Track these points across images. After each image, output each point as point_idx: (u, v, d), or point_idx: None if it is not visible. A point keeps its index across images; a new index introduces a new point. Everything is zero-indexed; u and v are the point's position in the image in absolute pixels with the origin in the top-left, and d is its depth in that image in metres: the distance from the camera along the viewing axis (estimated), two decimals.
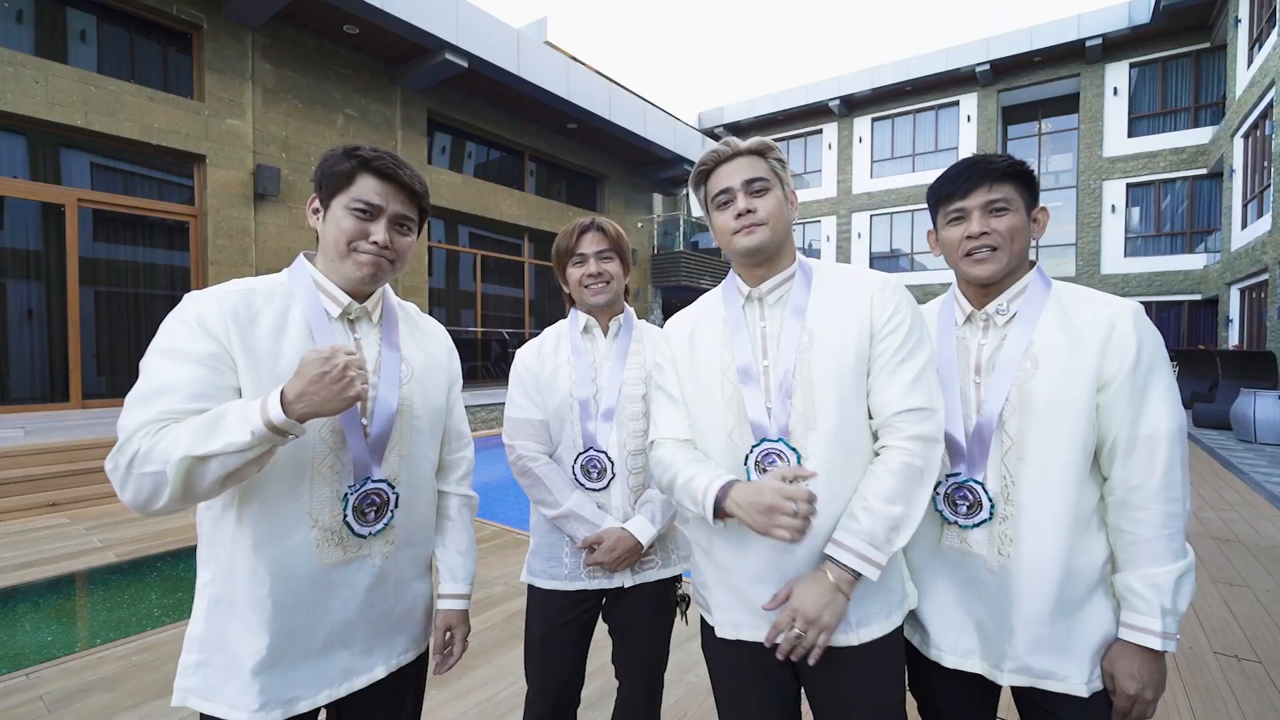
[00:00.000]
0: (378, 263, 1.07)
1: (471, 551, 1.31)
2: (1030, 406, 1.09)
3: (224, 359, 0.96)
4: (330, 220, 1.07)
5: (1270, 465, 6.35)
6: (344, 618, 1.07)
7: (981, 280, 1.16)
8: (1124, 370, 1.05)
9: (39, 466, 4.90)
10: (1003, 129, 18.98)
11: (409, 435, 1.15)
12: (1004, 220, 1.13)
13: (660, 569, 1.56)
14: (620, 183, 14.80)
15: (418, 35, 8.79)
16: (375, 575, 1.10)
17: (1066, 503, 1.07)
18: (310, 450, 1.02)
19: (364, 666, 1.11)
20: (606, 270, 1.53)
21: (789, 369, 1.13)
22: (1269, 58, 10.89)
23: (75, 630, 3.01)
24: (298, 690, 1.03)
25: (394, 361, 1.14)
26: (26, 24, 6.81)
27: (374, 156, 1.05)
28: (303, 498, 1.02)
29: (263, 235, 8.27)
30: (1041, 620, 1.08)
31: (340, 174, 1.05)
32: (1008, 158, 1.16)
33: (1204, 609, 3.07)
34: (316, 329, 1.05)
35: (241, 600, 0.99)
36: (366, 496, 1.07)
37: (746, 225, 1.15)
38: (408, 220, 1.11)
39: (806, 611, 1.02)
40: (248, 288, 1.04)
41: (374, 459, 1.08)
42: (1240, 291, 12.99)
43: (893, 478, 1.05)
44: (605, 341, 1.58)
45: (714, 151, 1.19)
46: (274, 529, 1.00)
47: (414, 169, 1.11)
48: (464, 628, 1.26)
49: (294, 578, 1.01)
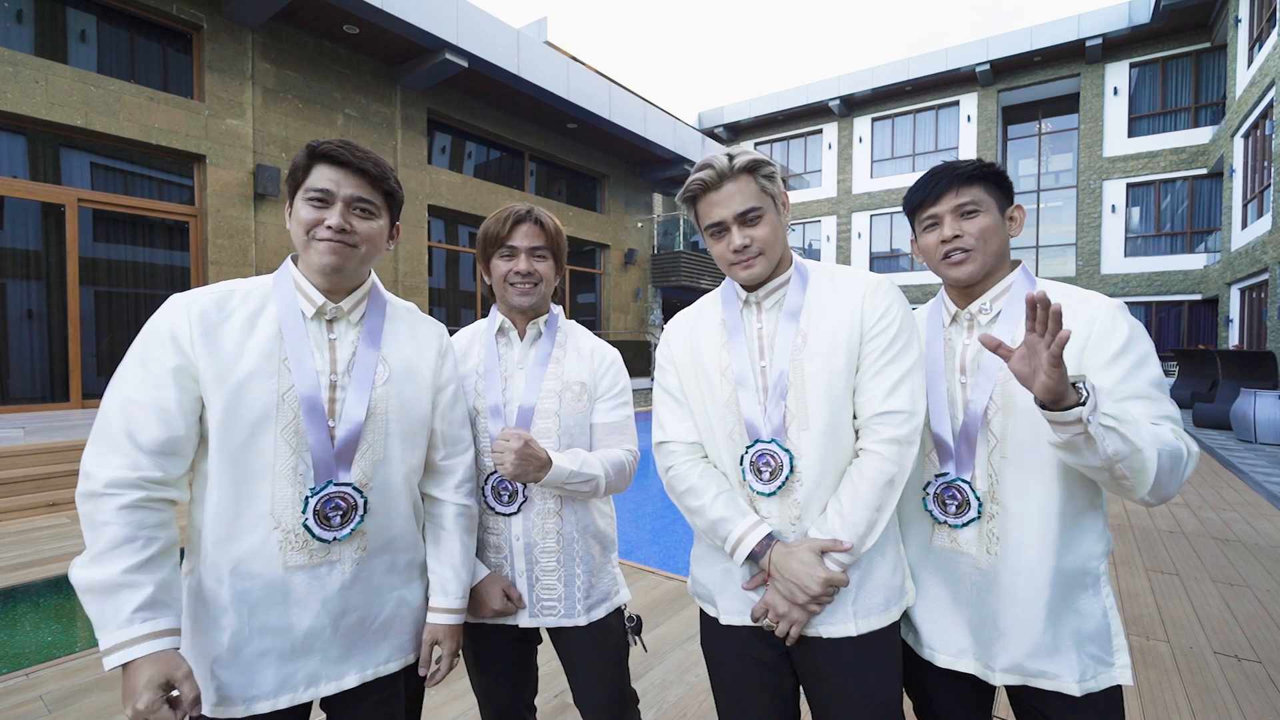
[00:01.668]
0: (337, 248, 1.06)
1: (467, 564, 1.25)
2: (1012, 405, 1.10)
3: (188, 370, 0.99)
4: (294, 215, 1.09)
5: (1270, 465, 6.35)
6: (313, 624, 1.05)
7: (960, 282, 1.18)
8: (1108, 367, 1.05)
9: (39, 466, 4.90)
10: (1003, 129, 18.98)
11: (382, 439, 1.12)
12: (975, 222, 1.15)
13: (561, 617, 1.38)
14: (620, 183, 14.80)
15: (418, 35, 8.79)
16: (346, 581, 1.08)
17: (1051, 500, 1.08)
18: (271, 450, 1.02)
19: (334, 674, 1.08)
20: (538, 270, 1.37)
21: (784, 370, 1.14)
22: (1269, 57, 10.89)
23: (75, 630, 3.00)
24: (257, 690, 1.02)
25: (369, 363, 1.12)
26: (26, 24, 6.81)
27: (324, 144, 1.06)
28: (264, 497, 1.01)
29: (263, 235, 8.27)
30: (1030, 619, 1.08)
31: (297, 168, 1.08)
32: (975, 161, 1.17)
33: (1204, 609, 3.07)
34: (287, 329, 1.06)
35: (206, 594, 1.01)
36: (329, 500, 1.05)
37: (744, 260, 1.16)
38: (365, 202, 1.09)
39: (777, 606, 1.10)
40: (228, 289, 1.07)
41: (340, 462, 1.06)
42: (1240, 291, 12.99)
43: (866, 484, 1.08)
44: (521, 347, 1.42)
45: (700, 178, 1.15)
46: (236, 527, 1.00)
47: (369, 151, 1.09)
48: (451, 642, 1.21)
49: (255, 576, 1.01)
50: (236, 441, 1.00)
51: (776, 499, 1.14)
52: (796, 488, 1.12)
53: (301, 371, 1.04)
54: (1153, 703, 2.25)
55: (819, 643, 1.12)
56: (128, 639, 0.89)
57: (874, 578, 1.13)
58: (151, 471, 0.95)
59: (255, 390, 1.01)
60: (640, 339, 14.89)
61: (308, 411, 1.04)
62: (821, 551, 1.07)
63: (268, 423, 1.01)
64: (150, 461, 0.95)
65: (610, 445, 1.43)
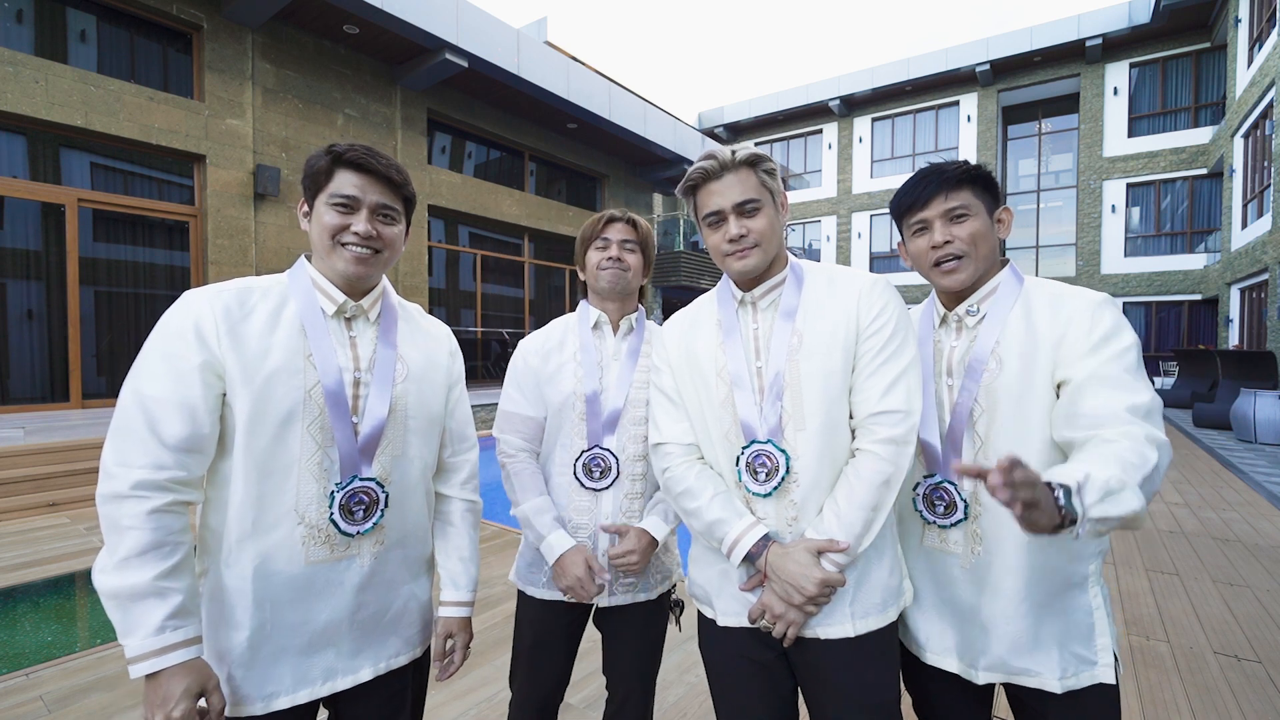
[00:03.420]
0: (365, 256, 1.09)
1: (474, 558, 1.28)
2: (996, 407, 1.10)
3: (213, 366, 0.98)
4: (315, 218, 1.09)
5: (1270, 465, 6.35)
6: (330, 617, 1.06)
7: (952, 290, 1.18)
8: (1084, 360, 1.03)
9: (39, 466, 4.90)
10: (1003, 129, 18.98)
11: (402, 435, 1.14)
12: (965, 226, 1.14)
13: (638, 592, 1.48)
14: (620, 183, 14.80)
15: (418, 35, 8.79)
16: (364, 576, 1.09)
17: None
18: (298, 446, 1.02)
19: (349, 668, 1.10)
20: (627, 259, 1.48)
21: (780, 370, 1.14)
22: (1269, 57, 10.89)
23: (75, 630, 3.00)
24: (275, 686, 1.03)
25: (389, 361, 1.14)
26: (26, 24, 6.81)
27: (348, 150, 1.06)
28: (289, 493, 1.02)
29: (263, 235, 8.27)
30: (1012, 616, 1.09)
31: (319, 172, 1.07)
32: (962, 163, 1.16)
33: (1204, 609, 3.07)
34: (310, 326, 1.06)
35: (225, 592, 1.00)
36: (354, 494, 1.07)
37: (740, 250, 1.16)
38: (389, 209, 1.12)
39: (774, 607, 1.10)
40: (246, 285, 1.06)
41: (363, 458, 1.08)
42: (1240, 291, 12.99)
43: (862, 484, 1.08)
44: (615, 340, 1.52)
45: (702, 168, 1.17)
46: (259, 524, 1.00)
47: (390, 158, 1.12)
48: (465, 635, 1.25)
49: (278, 574, 1.01)
50: (263, 438, 1.00)
51: (773, 500, 1.14)
52: (793, 488, 1.12)
53: (327, 368, 1.05)
54: (1153, 703, 2.25)
55: (817, 644, 1.12)
56: (159, 647, 0.89)
57: (871, 578, 1.13)
58: (176, 471, 0.94)
59: (282, 387, 1.01)
60: None
61: (333, 407, 1.05)
62: (818, 552, 1.07)
63: (295, 419, 1.01)
64: (174, 460, 0.94)
65: None
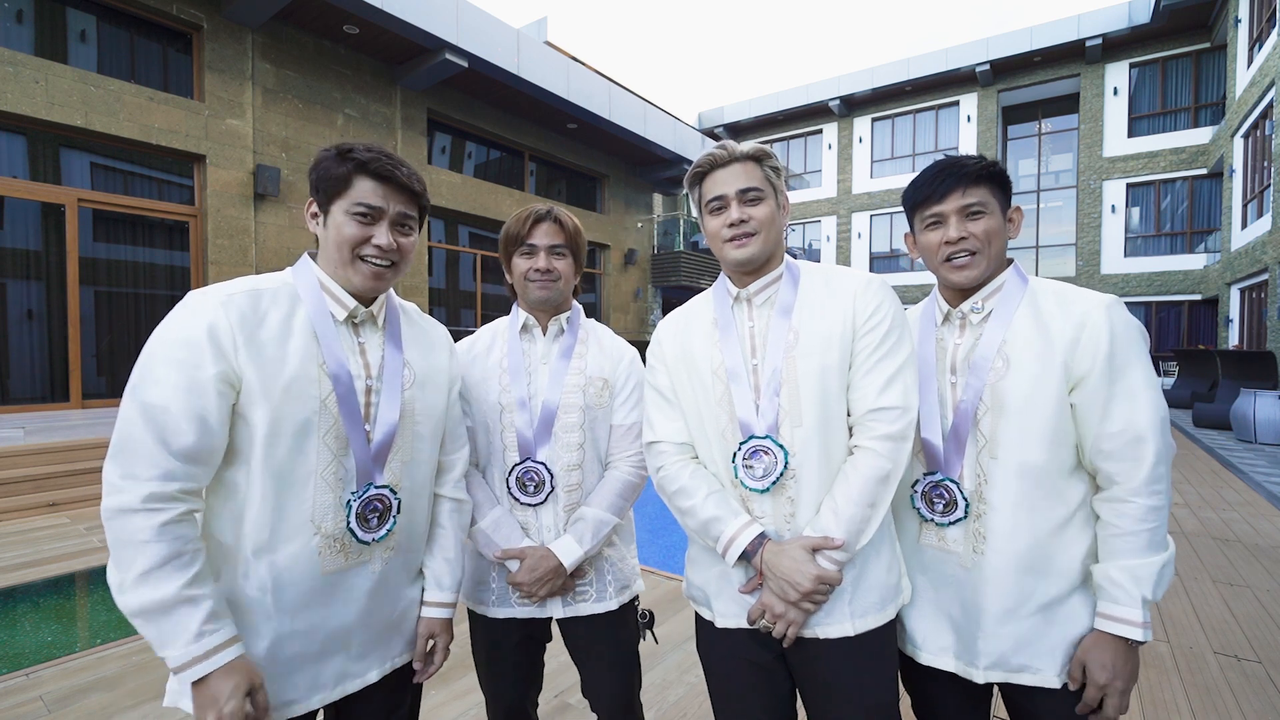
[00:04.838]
0: (384, 271, 1.08)
1: (459, 559, 1.28)
2: (1002, 406, 1.10)
3: (228, 377, 0.95)
4: (331, 225, 1.05)
5: (1270, 465, 6.35)
6: (342, 623, 1.06)
7: (962, 285, 1.18)
8: (1097, 367, 1.05)
9: (39, 466, 4.90)
10: (1003, 129, 18.98)
11: (411, 441, 1.14)
12: (980, 224, 1.14)
13: (594, 603, 1.42)
14: (620, 183, 14.80)
15: (418, 35, 8.79)
16: (376, 581, 1.10)
17: (1039, 501, 1.08)
18: (314, 456, 1.01)
19: (359, 670, 1.10)
20: (556, 267, 1.39)
21: (776, 367, 1.14)
22: (1269, 58, 10.89)
23: (75, 630, 3.01)
24: (292, 694, 1.02)
25: (397, 366, 1.13)
26: (26, 24, 6.81)
27: (370, 158, 1.04)
28: (306, 504, 1.01)
29: (263, 235, 8.27)
30: (1013, 616, 1.09)
31: (337, 178, 1.03)
32: (980, 159, 1.16)
33: (1204, 609, 3.07)
34: (322, 333, 1.04)
35: (242, 604, 0.98)
36: (369, 503, 1.06)
37: (739, 235, 1.16)
38: (409, 220, 1.11)
39: (774, 607, 1.09)
40: (253, 288, 1.02)
41: (376, 465, 1.08)
42: (1240, 291, 12.99)
43: (860, 480, 1.08)
44: (544, 342, 1.45)
45: (710, 155, 1.19)
46: (276, 535, 0.99)
47: (411, 167, 1.10)
48: (446, 636, 1.24)
49: (294, 584, 1.00)
50: (281, 449, 0.98)
51: (770, 496, 1.13)
52: (790, 484, 1.12)
53: (340, 376, 1.04)
54: (1153, 703, 2.25)
55: (816, 644, 1.12)
56: (202, 652, 0.88)
57: (870, 576, 1.13)
58: (186, 482, 0.92)
59: (299, 397, 0.99)
60: (641, 339, 14.87)
61: (347, 416, 1.04)
62: (813, 549, 1.07)
63: (311, 429, 1.00)
64: (184, 471, 0.91)
65: (622, 451, 1.46)
